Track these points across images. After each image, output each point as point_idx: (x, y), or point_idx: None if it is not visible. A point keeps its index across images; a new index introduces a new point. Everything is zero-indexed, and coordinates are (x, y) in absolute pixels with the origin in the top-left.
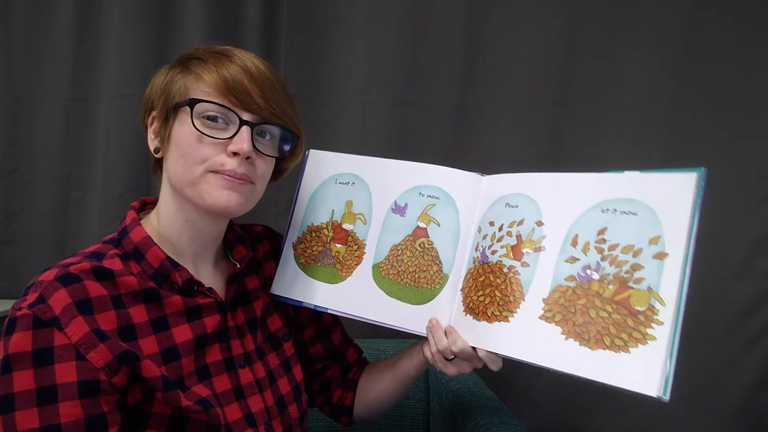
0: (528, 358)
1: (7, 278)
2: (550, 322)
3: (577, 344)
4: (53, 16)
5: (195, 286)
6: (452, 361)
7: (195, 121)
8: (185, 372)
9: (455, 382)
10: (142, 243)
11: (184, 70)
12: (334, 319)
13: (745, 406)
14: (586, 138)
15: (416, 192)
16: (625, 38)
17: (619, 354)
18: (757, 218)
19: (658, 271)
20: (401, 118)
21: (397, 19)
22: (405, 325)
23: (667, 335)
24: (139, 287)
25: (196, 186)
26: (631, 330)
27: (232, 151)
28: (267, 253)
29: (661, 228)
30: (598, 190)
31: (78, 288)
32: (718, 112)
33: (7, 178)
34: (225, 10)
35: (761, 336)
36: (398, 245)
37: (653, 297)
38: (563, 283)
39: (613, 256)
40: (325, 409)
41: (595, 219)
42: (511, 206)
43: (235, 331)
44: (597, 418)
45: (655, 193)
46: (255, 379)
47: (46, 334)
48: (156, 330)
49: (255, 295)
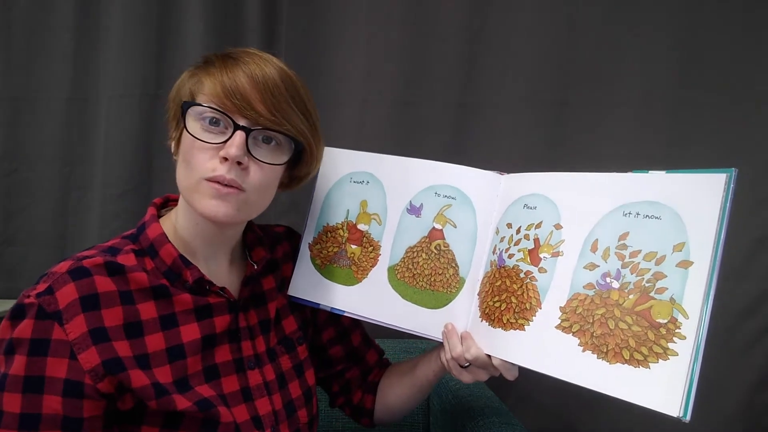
0: (543, 369)
1: (7, 278)
2: (567, 332)
3: (595, 357)
4: (53, 16)
5: (206, 285)
6: (467, 368)
7: (191, 124)
8: (190, 371)
9: (455, 382)
10: (156, 240)
11: (192, 74)
12: (353, 320)
13: (745, 406)
14: (586, 138)
15: (432, 192)
16: (625, 38)
17: (639, 369)
18: (757, 218)
19: (682, 281)
20: (401, 118)
21: (397, 19)
22: (421, 330)
23: (690, 351)
24: (150, 284)
25: (193, 193)
26: (652, 344)
27: (222, 156)
28: (285, 254)
29: (686, 234)
30: (620, 191)
31: (87, 283)
32: (718, 112)
33: (7, 178)
34: (225, 10)
35: (761, 336)
36: (413, 247)
37: (676, 309)
38: (582, 291)
39: (634, 264)
40: (346, 411)
41: (617, 223)
42: (529, 207)
43: (247, 332)
44: (597, 418)
45: (680, 196)
46: (264, 382)
47: (47, 326)
48: (164, 327)
49: (270, 296)
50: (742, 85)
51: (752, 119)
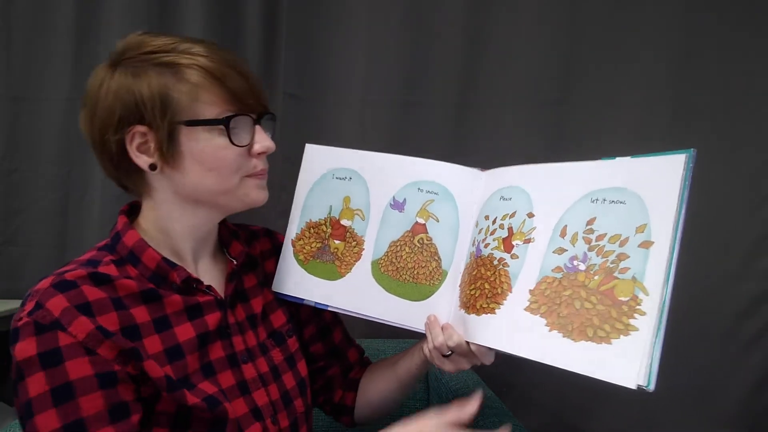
0: (511, 350)
1: (7, 278)
2: (535, 314)
3: (561, 336)
4: (53, 16)
5: (194, 284)
6: (449, 357)
7: (205, 135)
8: (191, 370)
9: (455, 382)
10: (136, 246)
11: (168, 78)
12: (334, 317)
13: (745, 406)
14: (587, 138)
15: (415, 187)
16: (626, 38)
17: (601, 345)
18: (757, 218)
19: (643, 261)
20: (401, 118)
21: (397, 19)
22: (404, 322)
23: (651, 326)
24: (139, 289)
25: (233, 192)
26: (614, 321)
27: (258, 151)
28: (266, 251)
29: (648, 216)
30: (588, 179)
31: (75, 293)
32: (718, 111)
33: (7, 178)
34: (225, 10)
35: (761, 336)
36: (397, 241)
37: (637, 287)
38: (550, 274)
39: (600, 247)
40: (326, 409)
41: (585, 209)
42: (505, 199)
43: (236, 328)
44: (597, 418)
45: (643, 179)
46: (258, 374)
47: (50, 337)
48: (159, 330)
49: (252, 293)
50: (742, 85)
51: (752, 119)
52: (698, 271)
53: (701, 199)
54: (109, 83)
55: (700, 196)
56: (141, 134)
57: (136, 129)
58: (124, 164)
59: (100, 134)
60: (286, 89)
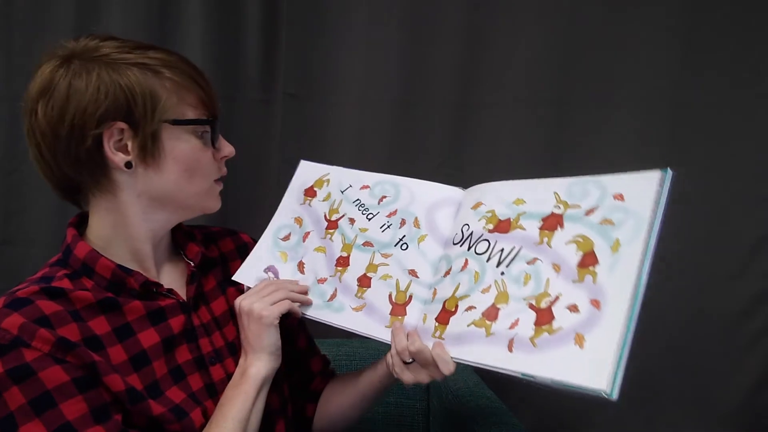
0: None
1: (7, 278)
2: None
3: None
4: (53, 16)
5: (153, 288)
6: (410, 366)
7: (186, 136)
8: (159, 375)
9: (455, 382)
10: (88, 257)
11: (150, 77)
12: (300, 323)
13: (745, 406)
14: (586, 138)
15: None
16: (625, 38)
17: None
18: (757, 218)
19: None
20: (401, 118)
21: (397, 19)
22: (369, 331)
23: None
24: (95, 299)
25: (203, 196)
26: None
27: (226, 155)
28: (230, 252)
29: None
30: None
31: (31, 308)
32: (717, 111)
33: (7, 178)
34: (225, 10)
35: (761, 336)
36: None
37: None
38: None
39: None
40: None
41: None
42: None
43: (202, 330)
44: (597, 418)
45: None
46: (227, 375)
47: (15, 356)
48: (121, 338)
49: (213, 296)
50: (742, 85)
51: (752, 119)
52: (698, 271)
53: (701, 199)
54: (87, 77)
55: (701, 196)
56: (119, 131)
57: (116, 125)
58: (91, 161)
59: (70, 128)
60: (286, 89)
